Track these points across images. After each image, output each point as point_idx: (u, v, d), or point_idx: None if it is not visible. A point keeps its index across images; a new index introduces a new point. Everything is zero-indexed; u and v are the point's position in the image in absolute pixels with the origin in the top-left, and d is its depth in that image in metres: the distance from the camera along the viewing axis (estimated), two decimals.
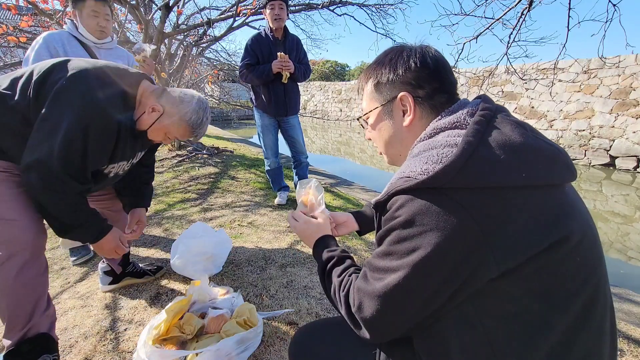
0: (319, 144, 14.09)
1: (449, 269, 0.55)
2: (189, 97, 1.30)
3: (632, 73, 8.64)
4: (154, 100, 1.27)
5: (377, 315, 0.62)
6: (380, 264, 0.62)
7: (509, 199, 0.54)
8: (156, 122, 1.27)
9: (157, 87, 1.32)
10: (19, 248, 1.11)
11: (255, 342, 1.31)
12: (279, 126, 3.14)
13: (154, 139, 1.35)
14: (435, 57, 0.71)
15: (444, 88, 0.70)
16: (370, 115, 0.78)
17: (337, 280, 0.75)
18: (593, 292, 0.58)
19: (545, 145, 0.60)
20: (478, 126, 0.59)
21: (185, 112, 1.28)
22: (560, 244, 0.55)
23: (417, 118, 0.71)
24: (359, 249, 2.28)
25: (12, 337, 1.16)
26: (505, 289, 0.55)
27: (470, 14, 3.31)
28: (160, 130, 1.30)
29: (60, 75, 1.11)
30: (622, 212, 6.31)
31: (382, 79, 0.73)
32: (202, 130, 1.34)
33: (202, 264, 1.83)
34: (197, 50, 6.65)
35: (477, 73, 11.59)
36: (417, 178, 0.57)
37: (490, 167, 0.54)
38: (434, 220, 0.54)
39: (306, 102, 20.56)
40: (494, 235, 0.53)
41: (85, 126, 1.09)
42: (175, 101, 1.28)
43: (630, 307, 1.98)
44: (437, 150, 0.60)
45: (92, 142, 1.11)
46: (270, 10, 2.79)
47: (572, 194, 0.62)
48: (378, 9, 7.39)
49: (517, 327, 0.56)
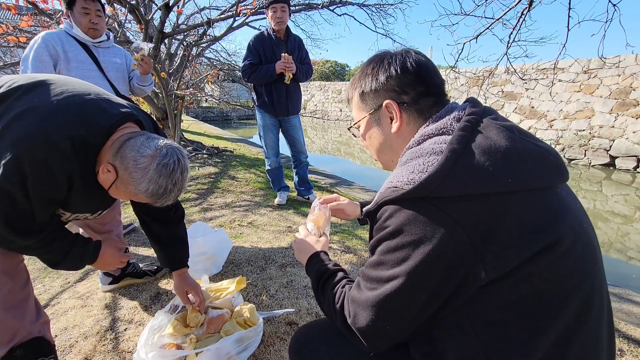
0: (319, 144, 14.09)
1: (439, 277, 0.55)
2: (147, 160, 0.96)
3: (632, 73, 8.64)
4: (110, 158, 0.99)
5: (372, 324, 0.62)
6: (373, 274, 0.63)
7: (496, 205, 0.54)
8: (112, 186, 1.02)
9: (123, 137, 1.01)
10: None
11: (255, 341, 1.31)
12: (280, 126, 3.15)
13: (122, 199, 1.13)
14: (416, 61, 0.70)
15: (429, 91, 0.70)
16: (359, 124, 0.79)
17: (331, 293, 0.75)
18: (587, 294, 0.58)
19: (533, 147, 0.60)
20: (463, 132, 0.59)
21: (139, 182, 0.97)
22: (550, 248, 0.54)
23: (405, 124, 0.71)
24: (358, 249, 2.29)
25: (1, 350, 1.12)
26: (497, 294, 0.55)
27: (470, 14, 3.31)
28: (120, 194, 1.05)
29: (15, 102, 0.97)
30: (622, 212, 6.31)
31: (365, 88, 0.74)
32: (169, 198, 1.03)
33: (202, 264, 1.84)
34: (197, 50, 6.65)
35: (477, 73, 11.58)
36: (403, 188, 0.58)
37: (474, 174, 0.54)
38: (421, 230, 0.55)
39: (306, 102, 20.55)
40: (482, 242, 0.53)
41: (22, 178, 0.91)
42: (129, 166, 0.97)
43: (630, 307, 1.98)
44: (424, 158, 0.60)
45: (33, 197, 0.95)
46: (272, 13, 2.79)
47: (565, 195, 0.62)
48: (378, 9, 7.39)
49: (511, 332, 0.56)
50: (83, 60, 1.99)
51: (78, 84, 1.09)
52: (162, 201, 1.03)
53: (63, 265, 1.15)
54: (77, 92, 1.03)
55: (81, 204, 1.11)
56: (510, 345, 0.56)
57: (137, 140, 1.00)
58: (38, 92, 1.00)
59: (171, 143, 1.04)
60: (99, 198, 1.13)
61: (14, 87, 1.00)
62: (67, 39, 1.95)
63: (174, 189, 1.01)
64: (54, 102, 0.98)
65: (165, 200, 1.03)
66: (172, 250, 1.46)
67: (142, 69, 2.16)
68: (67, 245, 1.13)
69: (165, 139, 1.06)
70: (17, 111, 0.95)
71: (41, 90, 1.01)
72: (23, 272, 1.17)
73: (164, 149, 1.00)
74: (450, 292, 0.56)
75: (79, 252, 1.16)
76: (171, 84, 4.99)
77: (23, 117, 0.94)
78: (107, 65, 2.09)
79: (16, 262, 1.15)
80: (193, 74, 6.94)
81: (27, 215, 0.98)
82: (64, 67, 1.93)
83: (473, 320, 0.57)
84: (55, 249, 1.11)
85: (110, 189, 1.04)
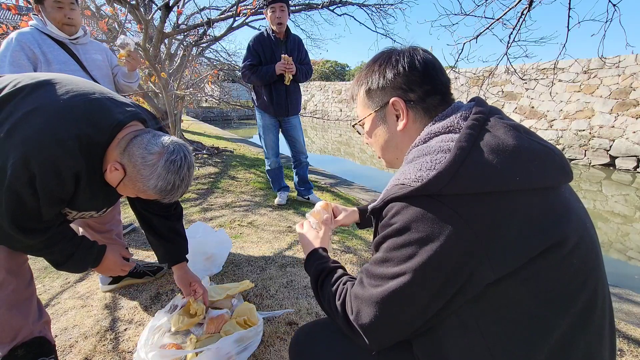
0: (319, 144, 14.09)
1: (445, 275, 0.55)
2: (155, 157, 0.99)
3: (632, 73, 8.64)
4: (117, 156, 1.02)
5: (376, 321, 0.62)
6: (378, 271, 0.62)
7: (502, 203, 0.54)
8: (120, 184, 1.04)
9: (128, 135, 1.03)
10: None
11: (255, 341, 1.31)
12: (280, 126, 3.15)
13: (130, 196, 1.14)
14: (424, 59, 0.70)
15: (435, 89, 0.70)
16: (364, 121, 0.78)
17: (332, 290, 0.75)
18: (591, 294, 0.58)
19: (539, 147, 0.60)
20: (471, 130, 0.59)
21: (148, 179, 0.99)
22: (555, 247, 0.55)
23: (411, 122, 0.71)
24: (359, 249, 2.29)
25: (2, 349, 1.14)
26: (502, 293, 0.55)
27: (470, 14, 3.31)
28: (128, 191, 1.08)
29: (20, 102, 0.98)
30: (622, 212, 6.31)
31: (372, 85, 0.73)
32: (176, 194, 1.06)
33: (202, 264, 1.84)
34: (197, 50, 6.66)
35: (477, 73, 11.58)
36: (411, 185, 0.58)
37: (483, 172, 0.55)
38: (429, 227, 0.55)
39: (306, 102, 20.56)
40: (488, 240, 0.53)
41: (30, 178, 0.93)
42: (137, 164, 0.99)
43: (630, 307, 1.98)
44: (431, 156, 0.60)
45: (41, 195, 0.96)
46: (271, 13, 2.79)
47: (569, 195, 0.62)
48: (378, 9, 7.41)
49: (515, 330, 0.56)
50: (65, 60, 1.80)
51: (82, 83, 1.10)
52: (170, 197, 1.05)
53: (65, 266, 1.16)
54: (82, 92, 1.04)
55: (87, 202, 1.11)
56: (516, 343, 0.56)
57: (143, 138, 1.02)
58: (43, 91, 1.00)
59: (177, 140, 1.06)
60: (104, 195, 1.14)
61: (19, 87, 1.00)
62: (42, 37, 1.75)
63: (181, 185, 1.04)
64: (60, 101, 0.99)
65: (173, 196, 1.05)
66: (173, 244, 1.48)
67: (130, 65, 2.00)
68: (71, 247, 1.15)
69: (170, 136, 1.07)
70: (24, 111, 0.95)
71: (46, 90, 1.01)
72: (27, 271, 1.18)
73: (170, 145, 1.02)
74: (455, 290, 0.56)
75: (82, 255, 1.18)
76: (171, 84, 4.99)
77: (30, 117, 0.95)
78: (90, 63, 1.91)
79: (21, 261, 1.16)
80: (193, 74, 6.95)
81: (34, 214, 0.99)
82: (46, 70, 1.74)
83: (478, 318, 0.57)
84: (59, 250, 1.12)
85: (119, 187, 1.05)
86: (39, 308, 1.23)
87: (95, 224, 1.62)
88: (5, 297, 1.10)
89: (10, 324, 1.12)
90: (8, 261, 1.10)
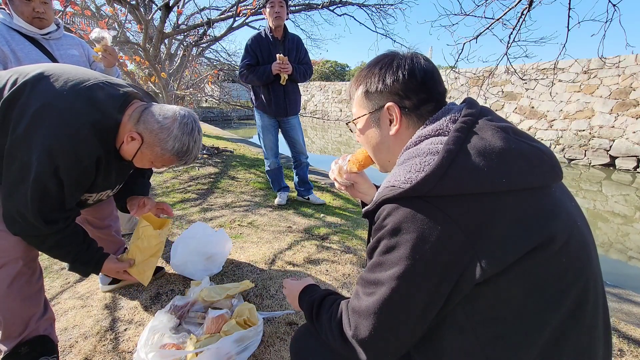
0: (319, 144, 14.09)
1: (436, 276, 0.56)
2: (170, 121, 1.08)
3: (632, 73, 8.64)
4: (132, 127, 1.09)
5: (374, 334, 0.62)
6: (372, 277, 0.63)
7: (491, 204, 0.55)
8: (138, 153, 1.11)
9: (139, 108, 1.12)
10: (11, 258, 1.10)
11: (255, 341, 1.31)
12: (279, 126, 3.14)
13: (142, 166, 1.20)
14: (424, 69, 0.71)
15: (431, 98, 0.71)
16: (358, 121, 0.80)
17: (327, 315, 0.75)
18: (582, 291, 0.59)
19: (527, 147, 0.61)
20: (459, 133, 0.60)
21: (166, 141, 1.08)
22: (544, 245, 0.56)
23: (404, 127, 0.72)
24: (358, 249, 2.29)
25: (9, 344, 1.16)
26: (493, 292, 0.56)
27: (470, 14, 3.31)
28: (144, 159, 1.15)
29: (28, 100, 1.02)
30: (622, 212, 6.31)
31: (371, 87, 0.74)
32: (191, 156, 1.15)
33: (202, 264, 1.83)
34: (197, 50, 6.66)
35: (477, 73, 11.59)
36: (401, 187, 0.59)
37: (470, 174, 0.56)
38: (419, 228, 0.56)
39: (306, 102, 20.56)
40: (478, 240, 0.54)
41: (55, 168, 1.00)
42: (154, 129, 1.08)
43: (630, 307, 1.98)
44: (420, 158, 0.61)
45: (67, 183, 1.03)
46: (270, 8, 2.78)
47: (560, 194, 0.63)
48: (378, 9, 7.43)
49: (507, 329, 0.57)
50: (36, 58, 1.65)
51: (73, 70, 1.13)
52: (185, 159, 1.15)
53: (71, 267, 1.23)
54: (78, 80, 1.08)
55: (103, 181, 1.18)
56: (508, 341, 0.57)
57: (154, 108, 1.12)
58: (43, 86, 1.04)
59: (184, 107, 1.16)
60: (117, 171, 1.22)
61: (20, 84, 1.04)
62: (10, 33, 1.61)
63: (194, 147, 1.14)
64: (63, 93, 1.04)
65: (188, 158, 1.15)
66: (137, 187, 1.49)
67: (107, 61, 1.85)
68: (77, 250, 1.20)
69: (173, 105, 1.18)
70: (35, 108, 1.00)
71: (45, 83, 1.05)
72: (38, 265, 1.23)
73: (180, 111, 1.12)
74: (449, 291, 0.56)
75: (85, 257, 1.23)
76: (171, 84, 4.99)
77: (43, 114, 1.00)
78: (65, 60, 1.77)
79: (34, 255, 1.21)
80: (193, 74, 6.95)
81: (57, 203, 1.06)
82: None
83: (470, 318, 0.58)
84: (67, 253, 1.18)
85: (135, 157, 1.13)
86: (45, 303, 1.26)
87: (94, 220, 1.62)
88: (20, 287, 1.13)
89: (21, 317, 1.16)
90: (26, 252, 1.14)
